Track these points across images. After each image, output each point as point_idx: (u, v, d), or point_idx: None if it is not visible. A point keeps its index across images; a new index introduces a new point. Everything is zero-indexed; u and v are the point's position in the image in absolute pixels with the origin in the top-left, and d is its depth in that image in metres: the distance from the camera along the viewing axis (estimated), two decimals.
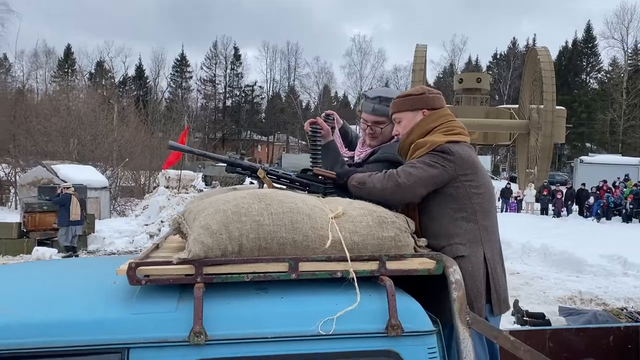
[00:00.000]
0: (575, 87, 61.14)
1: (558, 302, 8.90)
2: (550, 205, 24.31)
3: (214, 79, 68.88)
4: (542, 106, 30.78)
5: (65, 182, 15.33)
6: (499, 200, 26.92)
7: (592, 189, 23.56)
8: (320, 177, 2.31)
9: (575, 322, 7.24)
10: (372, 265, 1.79)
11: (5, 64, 58.75)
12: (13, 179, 21.78)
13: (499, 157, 61.88)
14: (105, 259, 2.62)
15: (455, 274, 1.80)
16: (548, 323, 7.31)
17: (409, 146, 2.26)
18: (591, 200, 22.73)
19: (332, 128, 2.85)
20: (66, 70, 64.08)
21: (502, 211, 25.93)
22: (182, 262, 1.66)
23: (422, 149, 2.18)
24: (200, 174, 31.78)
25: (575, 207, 24.29)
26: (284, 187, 2.32)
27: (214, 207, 1.79)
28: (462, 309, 1.76)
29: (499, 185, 33.44)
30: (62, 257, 12.08)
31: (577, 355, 3.40)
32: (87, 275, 2.01)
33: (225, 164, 2.27)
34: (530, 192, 26.10)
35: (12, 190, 21.26)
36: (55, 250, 12.21)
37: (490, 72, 60.45)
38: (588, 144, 57.16)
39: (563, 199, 24.00)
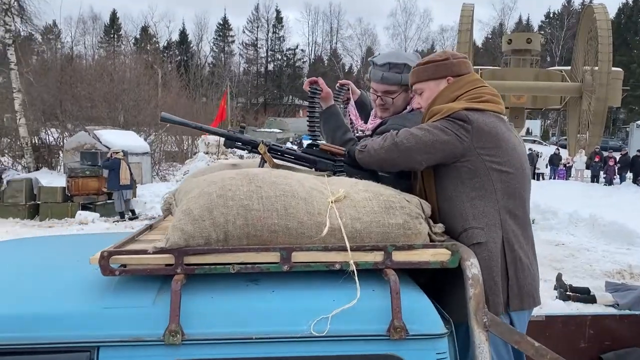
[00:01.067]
0: (635, 46, 57.63)
1: (605, 276, 8.47)
2: (601, 173, 23.25)
3: (255, 42, 68.62)
4: (596, 68, 29.16)
5: (108, 147, 15.62)
6: (546, 167, 25.98)
7: None
8: (328, 152, 2.09)
9: (622, 299, 6.86)
10: (376, 257, 1.58)
11: (55, 30, 60.08)
12: (61, 143, 22.37)
13: (549, 121, 59.54)
14: (101, 236, 2.49)
15: (472, 268, 1.56)
16: (593, 299, 6.95)
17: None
18: None
19: (348, 99, 2.61)
20: (112, 35, 65.01)
21: (550, 178, 25.04)
22: (160, 251, 1.49)
23: (437, 114, 1.92)
24: None
25: (629, 175, 23.13)
26: (289, 163, 2.11)
27: (199, 189, 1.60)
28: (479, 308, 1.53)
29: (547, 150, 32.27)
30: (113, 221, 12.40)
31: (621, 343, 3.12)
32: (69, 257, 1.87)
33: (224, 138, 2.07)
34: (580, 159, 25.00)
35: (61, 155, 21.86)
36: (97, 215, 12.50)
37: (542, 32, 57.72)
38: None
39: (616, 166, 22.87)
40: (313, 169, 2.09)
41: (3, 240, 2.34)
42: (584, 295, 7.00)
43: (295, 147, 2.13)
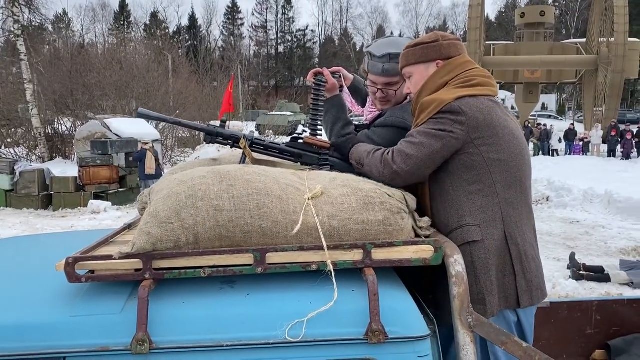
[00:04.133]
0: None
1: (621, 253, 8.32)
2: (618, 147, 22.80)
3: (265, 24, 68.23)
4: (612, 39, 28.42)
5: (118, 135, 15.67)
6: (560, 142, 25.55)
7: None
8: (314, 146, 2.01)
9: (637, 277, 6.73)
10: (355, 255, 1.50)
11: (65, 19, 60.24)
12: (74, 133, 22.51)
13: (565, 95, 58.45)
14: (89, 234, 2.44)
15: (456, 265, 1.48)
16: (607, 278, 6.83)
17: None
18: None
19: (341, 87, 2.51)
20: (122, 22, 64.99)
21: (565, 154, 24.65)
22: (126, 256, 1.43)
23: (427, 110, 1.80)
24: (253, 123, 31.88)
25: None
26: (273, 158, 2.03)
27: (168, 189, 1.54)
28: (464, 308, 1.46)
29: (563, 125, 31.71)
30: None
31: (629, 329, 3.03)
32: (45, 261, 1.82)
33: (205, 134, 2.00)
34: (596, 133, 24.52)
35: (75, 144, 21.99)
36: (109, 204, 12.58)
37: (557, 4, 56.41)
38: None
39: (634, 140, 22.40)
40: (298, 163, 2.02)
41: None
42: (598, 274, 6.88)
43: (279, 142, 2.04)
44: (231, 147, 2.00)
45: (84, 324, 1.39)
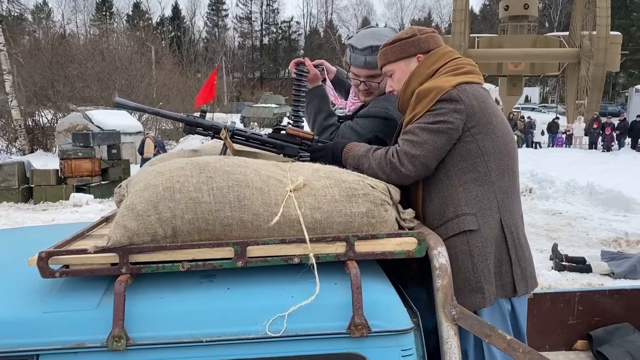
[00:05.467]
0: (634, 9, 56.64)
1: (602, 244, 8.40)
2: (599, 139, 23.05)
3: (250, 16, 67.70)
4: (594, 32, 28.67)
5: (100, 127, 15.47)
6: (542, 134, 25.78)
7: None
8: (297, 137, 1.97)
9: (618, 267, 6.82)
10: (337, 248, 1.48)
11: (45, 9, 59.14)
12: (55, 125, 22.15)
13: (548, 88, 58.97)
14: (61, 227, 2.38)
15: (439, 257, 1.46)
16: (588, 268, 6.90)
17: (411, 97, 1.85)
18: None
19: (324, 80, 2.48)
20: (104, 13, 64.01)
21: (548, 146, 24.87)
22: (102, 250, 1.39)
23: (427, 99, 1.76)
24: (238, 115, 31.69)
25: (627, 141, 22.94)
26: (254, 149, 1.99)
27: (145, 181, 1.49)
28: (447, 301, 1.44)
29: (546, 118, 31.98)
30: None
31: (610, 319, 3.05)
32: (19, 255, 1.76)
33: (184, 124, 1.95)
34: (579, 126, 24.77)
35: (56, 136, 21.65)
36: (91, 196, 12.41)
37: None
38: None
39: (614, 131, 22.66)
40: (280, 155, 1.99)
41: None
42: (580, 265, 6.95)
43: (262, 133, 2.01)
44: (212, 138, 1.96)
45: (57, 320, 1.35)
